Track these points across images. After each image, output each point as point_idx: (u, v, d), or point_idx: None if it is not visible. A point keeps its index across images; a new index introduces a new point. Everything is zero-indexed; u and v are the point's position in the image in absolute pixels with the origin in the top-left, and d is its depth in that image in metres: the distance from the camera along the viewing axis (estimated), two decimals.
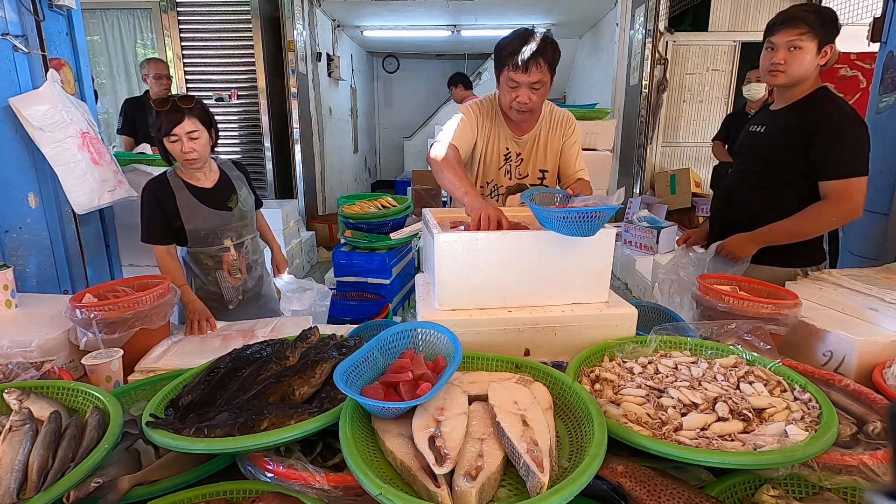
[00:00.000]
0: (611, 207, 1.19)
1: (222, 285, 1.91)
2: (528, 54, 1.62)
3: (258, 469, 0.86)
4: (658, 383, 1.04)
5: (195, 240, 1.84)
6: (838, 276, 1.54)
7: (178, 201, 1.79)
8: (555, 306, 1.30)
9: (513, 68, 1.64)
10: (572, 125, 1.93)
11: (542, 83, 1.68)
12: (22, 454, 0.88)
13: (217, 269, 1.90)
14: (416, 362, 1.00)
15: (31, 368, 1.22)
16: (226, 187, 1.91)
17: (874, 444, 0.93)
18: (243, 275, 1.96)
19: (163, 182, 1.81)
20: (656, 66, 5.38)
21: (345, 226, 3.11)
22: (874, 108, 2.12)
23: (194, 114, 1.71)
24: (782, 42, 1.63)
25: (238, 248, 1.92)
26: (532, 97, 1.69)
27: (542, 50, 1.63)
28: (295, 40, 5.42)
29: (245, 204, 1.94)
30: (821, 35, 1.60)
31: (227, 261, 1.90)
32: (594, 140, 3.60)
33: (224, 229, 1.87)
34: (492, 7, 6.34)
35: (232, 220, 1.89)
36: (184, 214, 1.79)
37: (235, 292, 1.95)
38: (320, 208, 6.44)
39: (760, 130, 1.78)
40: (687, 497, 0.77)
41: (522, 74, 1.64)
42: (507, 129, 1.86)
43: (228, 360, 1.15)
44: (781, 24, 1.64)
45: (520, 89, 1.68)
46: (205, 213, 1.82)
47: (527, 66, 1.62)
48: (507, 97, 1.73)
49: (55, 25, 2.11)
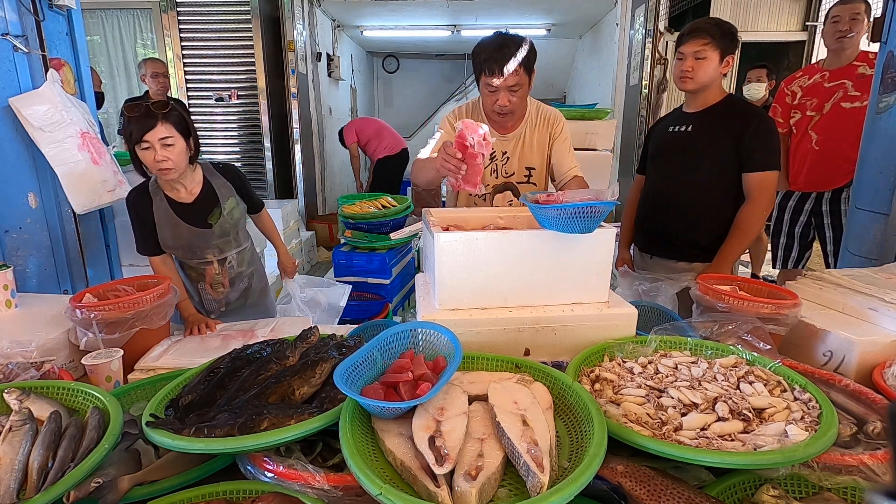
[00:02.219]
0: (608, 203, 1.19)
1: (203, 296, 1.89)
2: (502, 59, 1.65)
3: (258, 469, 0.86)
4: (658, 383, 1.04)
5: (172, 253, 1.80)
6: (838, 276, 1.54)
7: (155, 215, 1.72)
8: (555, 306, 1.30)
9: (489, 73, 1.68)
10: (560, 123, 1.93)
11: (520, 85, 1.71)
12: (22, 454, 0.88)
13: (199, 281, 1.87)
14: (416, 362, 1.00)
15: (31, 368, 1.22)
16: (208, 200, 1.79)
17: (874, 444, 0.93)
18: (226, 289, 1.91)
19: (142, 193, 1.74)
20: (656, 66, 5.37)
21: (345, 226, 3.11)
22: (874, 108, 2.12)
23: (169, 119, 1.59)
24: (690, 52, 1.83)
25: (221, 263, 1.87)
26: (511, 99, 1.73)
27: (516, 53, 1.65)
28: (295, 40, 5.41)
29: (229, 218, 1.83)
30: (722, 46, 1.81)
31: (209, 274, 1.86)
32: (594, 140, 3.59)
33: (202, 247, 1.80)
34: (492, 7, 6.34)
35: (211, 237, 1.79)
36: (160, 229, 1.72)
37: (217, 304, 1.92)
38: (320, 208, 6.44)
39: (688, 130, 1.95)
40: (687, 497, 0.77)
41: (499, 79, 1.67)
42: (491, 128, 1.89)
43: (228, 360, 1.15)
44: (688, 34, 1.84)
45: (498, 93, 1.72)
46: (182, 230, 1.74)
47: (502, 70, 1.66)
48: (487, 101, 1.78)
49: (55, 25, 2.11)
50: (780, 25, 5.49)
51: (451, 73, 9.71)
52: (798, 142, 2.87)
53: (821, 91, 2.73)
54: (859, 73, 2.59)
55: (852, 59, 2.63)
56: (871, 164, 2.12)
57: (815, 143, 2.77)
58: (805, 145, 2.82)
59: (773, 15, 5.46)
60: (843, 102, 2.65)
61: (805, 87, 2.79)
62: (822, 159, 2.75)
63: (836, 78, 2.68)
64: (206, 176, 1.82)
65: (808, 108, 2.78)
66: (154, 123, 1.56)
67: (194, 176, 1.78)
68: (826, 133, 2.72)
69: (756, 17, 5.44)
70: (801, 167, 2.87)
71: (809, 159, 2.81)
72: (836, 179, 2.74)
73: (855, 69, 2.61)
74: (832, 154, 2.70)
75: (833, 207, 2.78)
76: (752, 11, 5.45)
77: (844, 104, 2.64)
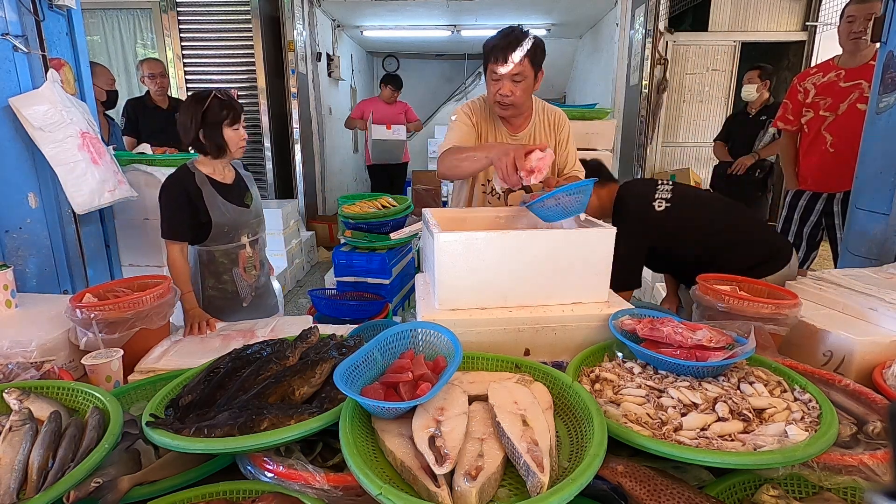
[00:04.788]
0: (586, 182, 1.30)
1: (238, 283, 1.94)
2: (508, 47, 1.69)
3: (258, 469, 0.86)
4: (658, 383, 1.04)
5: (218, 235, 1.86)
6: (838, 276, 1.54)
7: (204, 195, 1.82)
8: (555, 306, 1.30)
9: (494, 61, 1.71)
10: (565, 124, 1.96)
11: (524, 76, 1.72)
12: (22, 454, 0.88)
13: (233, 267, 1.93)
14: (416, 362, 1.00)
15: (31, 368, 1.21)
16: (241, 184, 1.97)
17: (874, 444, 0.93)
18: (258, 271, 2.00)
19: (188, 175, 1.83)
20: (656, 66, 5.38)
21: (345, 226, 3.11)
22: (874, 108, 2.12)
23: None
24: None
25: (253, 245, 1.97)
26: (514, 90, 1.74)
27: (522, 43, 1.69)
28: (295, 40, 5.41)
29: (257, 202, 2.00)
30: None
31: (242, 258, 1.94)
32: (594, 140, 3.59)
33: (243, 225, 1.92)
34: (492, 7, 6.34)
35: (250, 216, 1.94)
36: (210, 208, 1.83)
37: (250, 289, 1.98)
38: (320, 208, 6.44)
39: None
40: (687, 497, 0.77)
41: (503, 66, 1.70)
42: (503, 127, 1.90)
43: (228, 360, 1.15)
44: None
45: (501, 81, 1.73)
46: (228, 207, 1.87)
47: (506, 58, 1.69)
48: (491, 91, 1.79)
49: (55, 25, 2.11)
50: (780, 25, 5.49)
51: (451, 73, 9.70)
52: (810, 142, 2.80)
53: (836, 91, 2.66)
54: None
55: (869, 59, 2.57)
56: (871, 164, 2.12)
57: (829, 146, 2.70)
58: (819, 146, 2.75)
59: (773, 15, 5.46)
60: (859, 104, 2.57)
61: (819, 85, 2.72)
62: (837, 161, 2.67)
63: (852, 78, 2.61)
64: (234, 166, 2.01)
65: (821, 108, 2.71)
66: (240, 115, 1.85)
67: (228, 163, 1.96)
68: (841, 135, 2.65)
69: (756, 17, 5.44)
70: (814, 168, 2.80)
71: (823, 161, 2.74)
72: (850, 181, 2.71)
73: (872, 69, 2.58)
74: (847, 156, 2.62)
75: (845, 209, 2.73)
76: (752, 11, 5.44)
77: (860, 105, 2.56)
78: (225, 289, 1.93)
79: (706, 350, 1.06)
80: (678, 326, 1.12)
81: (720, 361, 1.02)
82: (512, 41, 1.69)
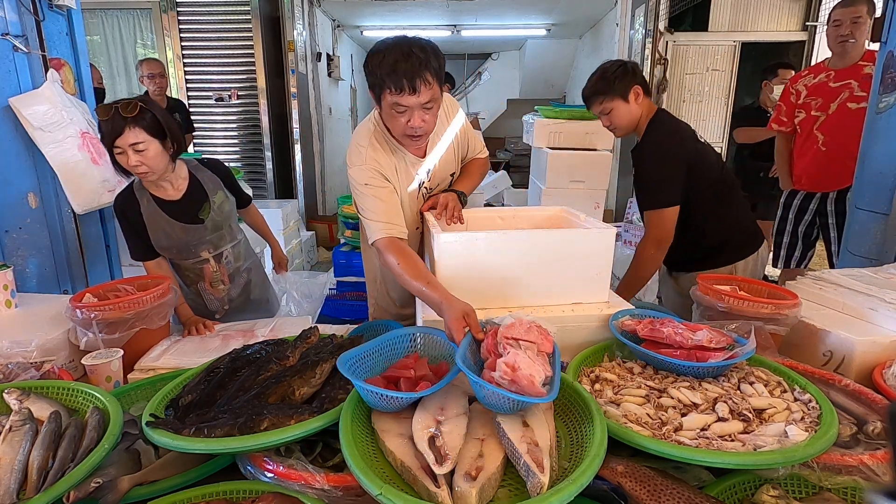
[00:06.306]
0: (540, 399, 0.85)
1: (205, 297, 1.84)
2: (411, 72, 1.29)
3: (258, 469, 0.86)
4: (658, 383, 1.04)
5: (169, 254, 1.75)
6: (838, 276, 1.54)
7: (144, 217, 1.67)
8: (555, 306, 1.30)
9: (397, 91, 1.32)
10: (456, 109, 1.72)
11: (434, 100, 1.38)
12: (22, 454, 0.88)
13: (199, 281, 1.82)
14: (419, 364, 1.01)
15: (31, 368, 1.22)
16: (196, 196, 1.74)
17: (874, 444, 0.93)
18: (226, 285, 1.86)
19: (128, 197, 1.68)
20: (656, 66, 5.38)
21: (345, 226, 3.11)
22: (874, 108, 2.12)
23: (139, 124, 1.50)
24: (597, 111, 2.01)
25: (217, 259, 1.81)
26: (425, 118, 1.39)
27: (425, 62, 1.31)
28: (295, 40, 5.41)
29: (220, 211, 1.78)
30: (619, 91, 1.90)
31: (207, 272, 1.81)
32: (594, 140, 3.59)
33: (197, 243, 1.75)
34: (492, 7, 6.33)
35: (204, 233, 1.75)
36: (151, 231, 1.67)
37: (220, 303, 1.87)
38: (320, 208, 6.44)
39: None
40: (687, 497, 0.77)
41: (410, 97, 1.33)
42: (408, 154, 1.57)
43: (228, 360, 1.15)
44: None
45: (410, 113, 1.37)
46: (174, 228, 1.69)
47: (414, 87, 1.31)
48: (396, 124, 1.42)
49: (55, 25, 2.11)
50: (780, 25, 5.49)
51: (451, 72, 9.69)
52: (803, 142, 2.85)
53: (826, 91, 2.71)
54: (865, 72, 2.57)
55: (857, 60, 2.62)
56: (870, 164, 2.13)
57: (821, 144, 2.75)
58: (811, 146, 2.81)
59: (773, 15, 5.46)
60: (849, 103, 2.63)
61: (810, 87, 2.78)
62: (829, 160, 2.73)
63: (841, 78, 2.67)
64: (192, 171, 1.77)
65: (812, 108, 2.77)
66: (122, 128, 1.49)
67: (179, 173, 1.72)
68: (832, 134, 2.71)
69: (756, 17, 5.44)
70: (807, 167, 2.85)
71: (816, 160, 2.80)
72: (842, 179, 2.72)
73: (861, 69, 2.60)
74: (839, 154, 2.68)
75: (838, 207, 2.77)
76: (752, 11, 5.44)
77: (850, 104, 2.62)
78: (194, 300, 1.83)
79: (706, 350, 1.06)
80: (678, 327, 1.13)
81: (720, 362, 1.02)
82: (415, 63, 1.29)
